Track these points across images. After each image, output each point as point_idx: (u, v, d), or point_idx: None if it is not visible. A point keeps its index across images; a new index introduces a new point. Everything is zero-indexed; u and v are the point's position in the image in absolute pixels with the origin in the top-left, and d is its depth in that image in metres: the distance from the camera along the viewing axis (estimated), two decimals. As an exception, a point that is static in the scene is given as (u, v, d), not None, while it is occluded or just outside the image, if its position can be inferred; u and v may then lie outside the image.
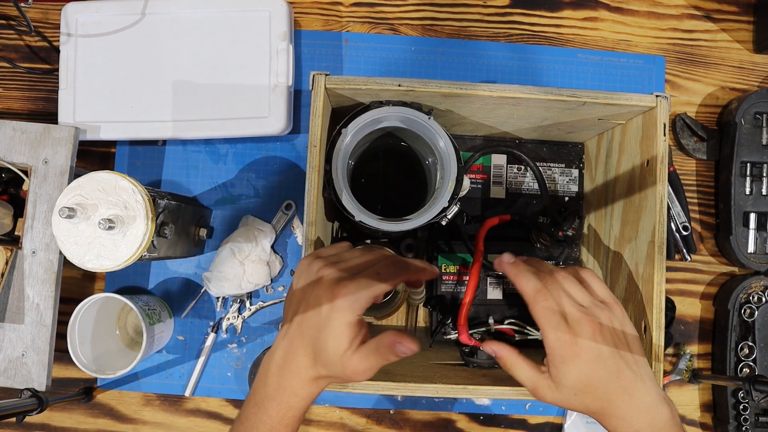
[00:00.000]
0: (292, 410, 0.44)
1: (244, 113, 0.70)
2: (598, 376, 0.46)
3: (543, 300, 0.47)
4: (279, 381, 0.44)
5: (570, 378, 0.46)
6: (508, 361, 0.50)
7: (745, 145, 0.74)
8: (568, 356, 0.46)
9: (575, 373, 0.46)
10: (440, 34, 0.78)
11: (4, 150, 0.63)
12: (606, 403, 0.46)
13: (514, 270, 0.50)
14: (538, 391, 0.48)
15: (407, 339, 0.42)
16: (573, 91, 0.55)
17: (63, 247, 0.55)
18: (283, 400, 0.44)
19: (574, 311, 0.47)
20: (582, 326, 0.46)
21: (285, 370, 0.44)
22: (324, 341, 0.42)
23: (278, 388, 0.44)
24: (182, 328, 0.74)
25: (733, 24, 0.80)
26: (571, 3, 0.79)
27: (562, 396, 0.47)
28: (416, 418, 0.74)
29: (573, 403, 0.47)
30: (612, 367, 0.46)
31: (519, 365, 0.49)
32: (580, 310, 0.47)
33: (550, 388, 0.47)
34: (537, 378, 0.48)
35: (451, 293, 0.68)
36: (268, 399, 0.44)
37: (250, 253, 0.70)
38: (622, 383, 0.46)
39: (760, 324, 0.73)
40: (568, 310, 0.47)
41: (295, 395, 0.44)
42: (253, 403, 0.45)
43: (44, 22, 0.76)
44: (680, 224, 0.74)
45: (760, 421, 0.72)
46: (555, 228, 0.67)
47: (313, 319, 0.43)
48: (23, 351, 0.62)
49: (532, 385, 0.49)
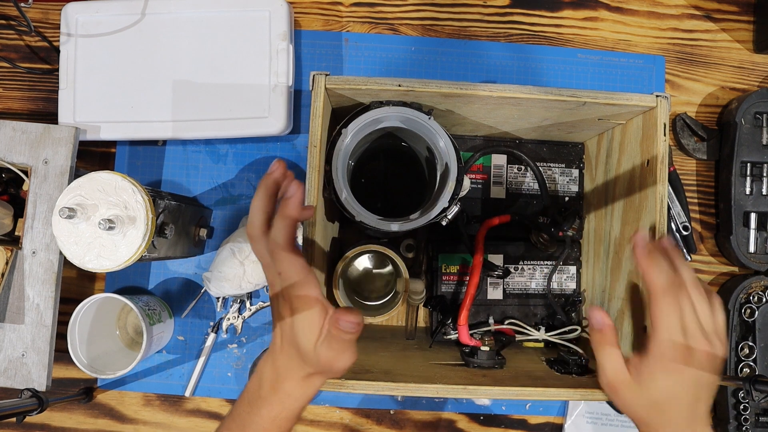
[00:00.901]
0: (285, 411, 0.44)
1: (244, 113, 0.70)
2: (686, 399, 0.45)
3: (671, 299, 0.45)
4: (273, 383, 0.44)
5: (659, 387, 0.45)
6: (606, 338, 0.47)
7: (745, 145, 0.74)
8: (673, 369, 0.44)
9: (669, 386, 0.44)
10: (440, 34, 0.78)
11: (4, 150, 0.63)
12: (668, 423, 0.45)
13: (648, 259, 0.46)
14: (616, 384, 0.47)
15: (344, 313, 0.42)
16: (573, 91, 0.55)
17: (63, 247, 0.55)
18: (276, 402, 0.44)
19: (696, 331, 0.45)
20: (698, 349, 0.44)
21: (279, 371, 0.44)
22: (299, 338, 0.43)
23: (272, 390, 0.44)
24: (182, 329, 0.74)
25: (733, 24, 0.80)
26: (571, 3, 0.79)
27: (637, 400, 0.46)
28: (416, 418, 0.74)
29: (640, 411, 0.46)
30: (698, 395, 0.45)
31: (611, 348, 0.47)
32: (702, 333, 0.45)
33: (630, 387, 0.46)
34: (623, 372, 0.46)
35: (451, 293, 0.68)
36: (262, 400, 0.45)
37: (251, 253, 0.70)
38: (696, 413, 0.45)
39: (760, 324, 0.73)
40: (690, 326, 0.45)
41: (288, 396, 0.44)
42: (246, 402, 0.45)
43: (44, 22, 0.76)
44: (680, 224, 0.75)
45: (760, 421, 0.72)
46: (555, 228, 0.67)
47: (287, 318, 0.43)
48: (23, 351, 0.62)
49: (614, 377, 0.46)
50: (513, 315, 0.69)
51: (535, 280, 0.70)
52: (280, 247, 0.43)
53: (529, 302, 0.70)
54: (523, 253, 0.70)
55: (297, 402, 0.45)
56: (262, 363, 0.46)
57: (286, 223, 0.43)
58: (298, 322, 0.43)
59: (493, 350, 0.60)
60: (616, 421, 0.73)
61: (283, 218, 0.43)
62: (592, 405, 0.74)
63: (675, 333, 0.45)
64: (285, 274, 0.43)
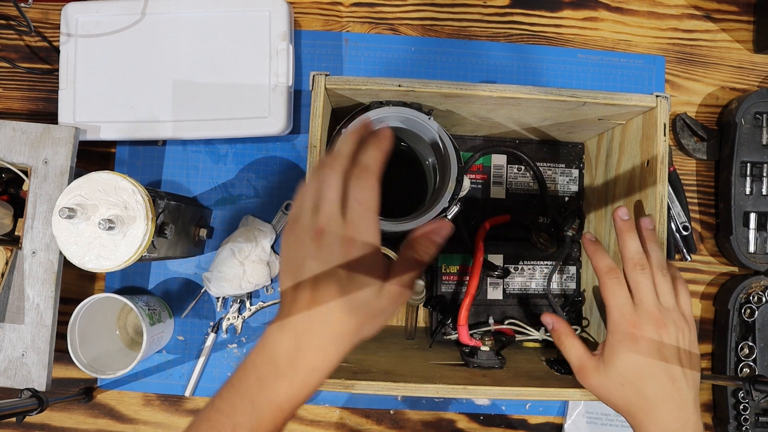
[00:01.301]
0: (307, 387, 0.38)
1: (244, 113, 0.70)
2: (652, 372, 0.44)
3: (615, 280, 0.47)
4: (295, 355, 0.38)
5: (623, 363, 0.45)
6: (562, 334, 0.50)
7: (745, 145, 0.74)
8: (629, 338, 0.45)
9: (631, 359, 0.45)
10: (440, 34, 0.78)
11: (4, 150, 0.63)
12: (649, 405, 0.44)
13: (592, 246, 0.51)
14: (584, 370, 0.47)
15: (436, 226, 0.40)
16: (573, 92, 0.55)
17: (63, 247, 0.55)
18: (297, 378, 0.38)
19: (651, 305, 0.46)
20: (650, 319, 0.45)
21: (305, 341, 0.38)
22: (358, 282, 0.37)
23: (292, 364, 0.37)
24: (182, 329, 0.74)
25: (733, 24, 0.80)
26: (571, 3, 0.79)
27: (608, 381, 0.46)
28: (416, 418, 0.74)
29: (615, 394, 0.46)
30: (669, 370, 0.44)
31: (571, 340, 0.49)
32: (657, 307, 0.46)
33: (597, 370, 0.47)
34: (587, 357, 0.48)
35: (451, 293, 0.68)
36: (279, 376, 0.37)
37: (250, 253, 0.70)
38: (674, 391, 0.44)
39: (760, 324, 0.73)
40: (646, 300, 0.46)
41: (314, 371, 0.38)
42: (255, 378, 0.38)
43: (44, 22, 0.76)
44: (680, 224, 0.75)
45: (760, 421, 0.72)
46: (555, 228, 0.67)
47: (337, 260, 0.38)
48: (23, 351, 0.62)
49: (580, 364, 0.48)
50: (513, 315, 0.69)
51: (535, 280, 0.70)
52: (371, 171, 0.39)
53: (529, 302, 0.70)
54: (523, 253, 0.70)
55: (321, 377, 0.39)
56: (276, 331, 0.39)
57: (378, 153, 0.39)
58: (359, 266, 0.37)
59: (493, 350, 0.60)
60: (615, 421, 0.73)
61: (377, 147, 0.40)
62: (591, 405, 0.74)
63: (625, 308, 0.46)
64: (364, 203, 0.38)
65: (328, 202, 0.38)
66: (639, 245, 0.49)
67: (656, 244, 0.50)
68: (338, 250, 0.38)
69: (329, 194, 0.39)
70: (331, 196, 0.39)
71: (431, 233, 0.41)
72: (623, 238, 0.49)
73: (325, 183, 0.39)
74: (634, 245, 0.49)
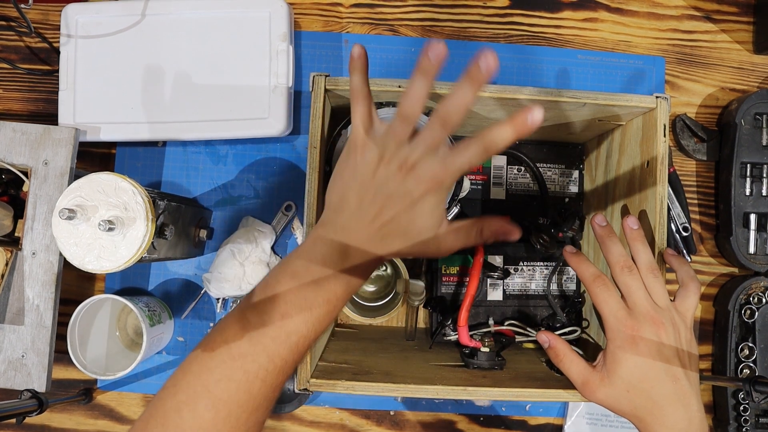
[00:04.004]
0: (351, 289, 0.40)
1: (244, 114, 0.70)
2: (656, 374, 0.44)
3: (603, 287, 0.47)
4: (343, 256, 0.40)
5: (627, 368, 0.45)
6: (561, 352, 0.49)
7: (745, 146, 0.74)
8: (628, 344, 0.44)
9: (633, 363, 0.44)
10: (440, 35, 0.78)
11: (4, 151, 0.63)
12: (655, 406, 0.44)
13: (574, 257, 0.50)
14: (588, 385, 0.47)
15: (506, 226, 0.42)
16: (573, 92, 0.55)
17: (63, 248, 0.55)
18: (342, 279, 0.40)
19: (644, 305, 0.45)
20: (646, 320, 0.45)
21: (354, 242, 0.40)
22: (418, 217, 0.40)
23: (343, 259, 0.40)
24: (182, 330, 0.74)
25: (732, 25, 0.80)
26: (570, 4, 0.79)
27: (614, 391, 0.46)
28: (416, 419, 0.74)
29: (622, 401, 0.46)
30: (670, 370, 0.44)
31: (570, 357, 0.49)
32: (651, 307, 0.46)
33: (602, 382, 0.46)
34: (589, 372, 0.47)
35: (451, 294, 0.68)
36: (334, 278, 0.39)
37: (250, 254, 0.70)
38: (678, 391, 0.44)
39: (760, 325, 0.73)
40: (639, 302, 0.46)
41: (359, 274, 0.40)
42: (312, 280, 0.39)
43: (44, 23, 0.76)
44: (680, 225, 0.74)
45: (760, 422, 0.72)
46: (555, 229, 0.67)
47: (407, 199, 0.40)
48: (23, 352, 0.62)
49: (583, 379, 0.47)
50: (513, 316, 0.69)
51: (535, 281, 0.70)
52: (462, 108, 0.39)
53: (529, 303, 0.70)
54: (522, 254, 0.70)
55: (358, 286, 0.41)
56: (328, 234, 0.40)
57: (474, 86, 0.38)
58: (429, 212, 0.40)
59: (493, 351, 0.60)
60: (616, 422, 0.73)
61: (471, 78, 0.38)
62: (592, 406, 0.74)
63: (619, 312, 0.46)
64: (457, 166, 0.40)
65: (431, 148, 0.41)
66: (621, 248, 0.49)
67: (642, 244, 0.50)
68: (424, 187, 0.40)
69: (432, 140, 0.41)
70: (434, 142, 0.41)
71: (505, 230, 0.42)
72: (605, 244, 0.49)
73: (429, 129, 0.41)
74: (616, 249, 0.49)
